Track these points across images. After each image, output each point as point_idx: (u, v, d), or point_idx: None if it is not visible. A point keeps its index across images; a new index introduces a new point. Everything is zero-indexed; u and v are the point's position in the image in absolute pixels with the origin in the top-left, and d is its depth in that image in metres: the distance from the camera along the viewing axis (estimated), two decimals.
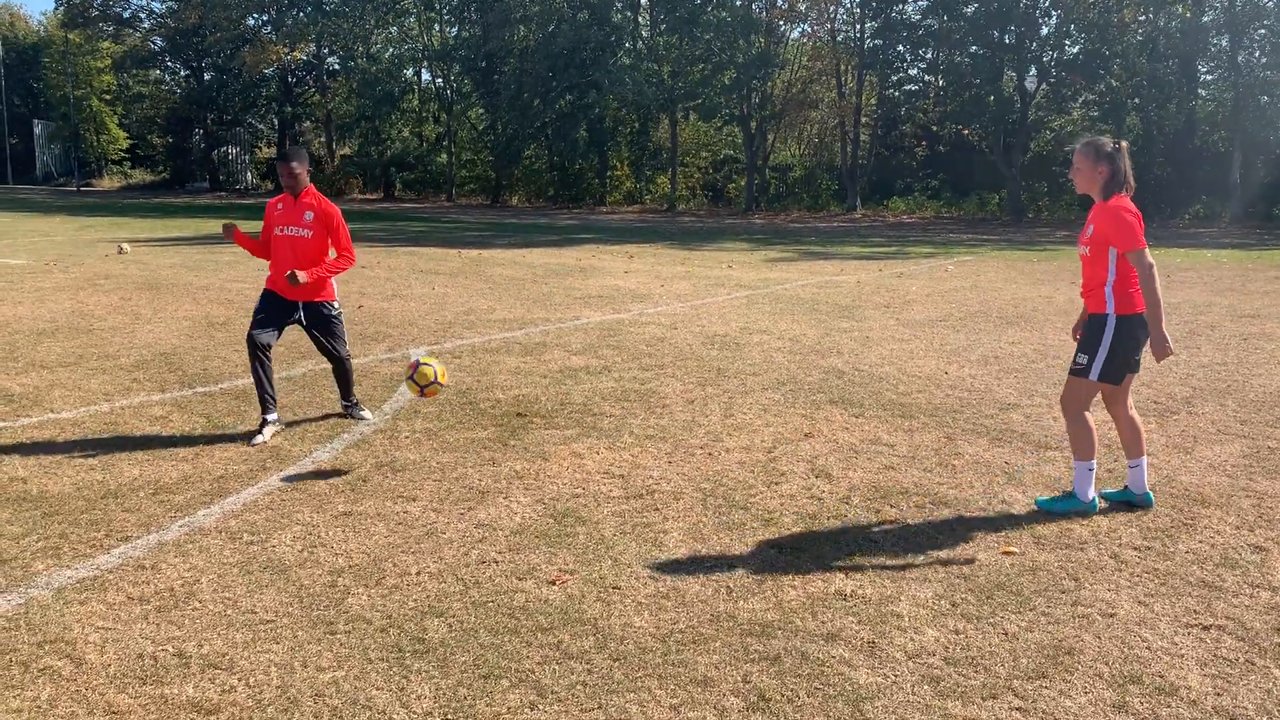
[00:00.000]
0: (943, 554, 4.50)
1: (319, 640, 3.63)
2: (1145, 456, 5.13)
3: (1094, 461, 5.05)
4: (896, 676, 3.43)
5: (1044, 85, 37.33)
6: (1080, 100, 37.60)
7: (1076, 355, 5.10)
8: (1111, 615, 3.90)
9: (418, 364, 5.78)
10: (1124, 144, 5.00)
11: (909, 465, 5.82)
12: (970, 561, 4.41)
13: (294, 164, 6.49)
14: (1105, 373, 4.98)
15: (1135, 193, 5.05)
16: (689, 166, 46.25)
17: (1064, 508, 5.02)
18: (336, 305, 6.72)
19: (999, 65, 36.91)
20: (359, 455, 5.90)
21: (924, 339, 10.09)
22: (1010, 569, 4.33)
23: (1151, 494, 5.15)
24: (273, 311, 6.51)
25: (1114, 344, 4.94)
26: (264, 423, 6.30)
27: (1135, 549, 4.57)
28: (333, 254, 6.63)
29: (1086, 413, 5.07)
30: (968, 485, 5.46)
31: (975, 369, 8.58)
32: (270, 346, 6.40)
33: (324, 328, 6.65)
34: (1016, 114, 36.65)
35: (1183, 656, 3.59)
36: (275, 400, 6.42)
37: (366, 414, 6.78)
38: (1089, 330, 5.05)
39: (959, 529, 4.80)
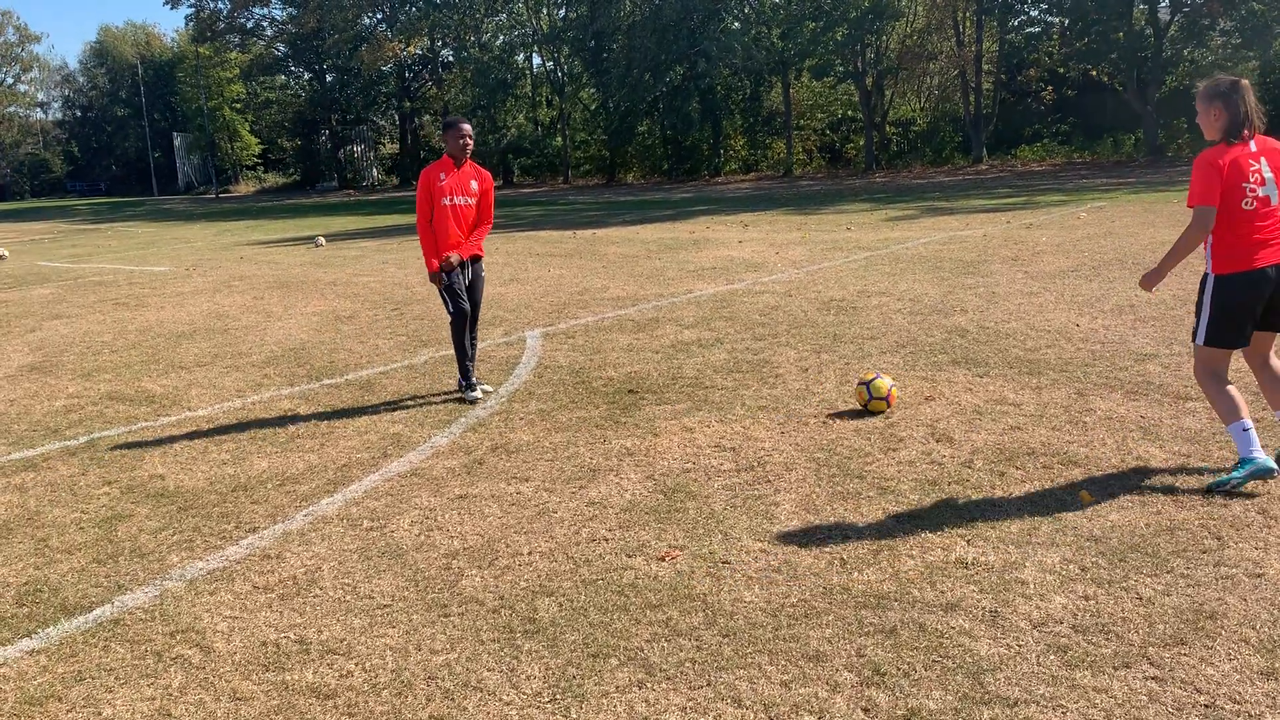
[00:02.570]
0: (1071, 516, 4.27)
1: (433, 623, 3.68)
2: None
3: (1246, 420, 4.46)
4: (1020, 647, 3.27)
5: (1178, 16, 35.17)
6: (1219, 28, 35.27)
7: (1193, 318, 4.66)
8: (1259, 575, 3.64)
9: (868, 384, 5.99)
10: (1244, 81, 4.51)
11: (1036, 425, 5.56)
12: (1102, 523, 4.18)
13: (466, 128, 6.73)
14: (1211, 336, 4.54)
15: None
16: (804, 129, 45.45)
17: (1239, 478, 4.41)
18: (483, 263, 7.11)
19: None
20: (475, 438, 5.98)
21: (1054, 291, 9.65)
22: (1145, 529, 4.09)
23: None
24: (461, 283, 6.84)
25: (1215, 305, 4.51)
26: (473, 385, 6.89)
27: None
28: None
29: (1219, 377, 4.58)
30: (1099, 443, 5.18)
31: (1109, 320, 8.15)
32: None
33: (478, 280, 6.99)
34: (1149, 48, 34.66)
35: None
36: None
37: (485, 389, 7.02)
38: (1199, 290, 4.62)
39: (1090, 489, 4.55)
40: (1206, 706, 2.90)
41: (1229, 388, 4.57)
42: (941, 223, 17.65)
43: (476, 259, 6.99)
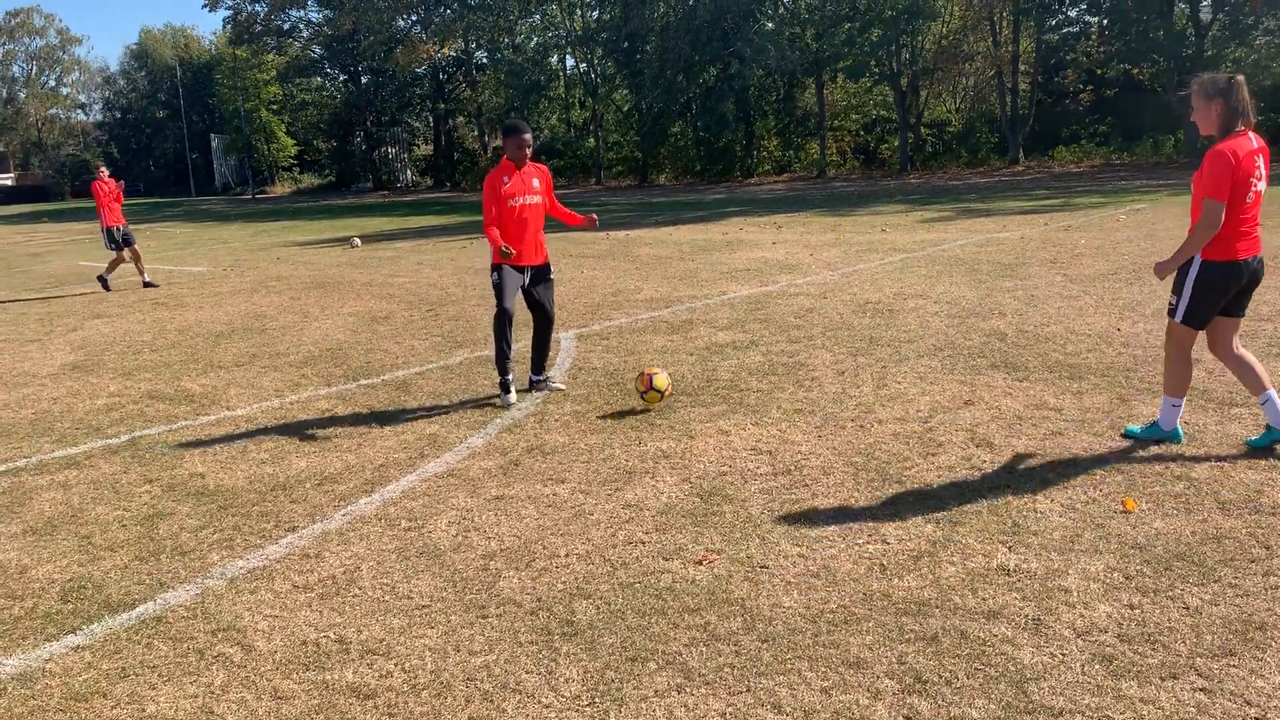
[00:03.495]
0: (1115, 523, 4.21)
1: (471, 624, 3.69)
2: (1273, 390, 4.95)
3: (1181, 400, 5.05)
4: (1064, 655, 3.23)
5: (1220, 15, 34.66)
6: (1262, 28, 34.70)
7: (1171, 295, 5.06)
8: None
9: (650, 378, 6.42)
10: (1239, 78, 4.76)
11: (1078, 430, 5.49)
12: (1146, 531, 4.12)
13: (527, 135, 6.85)
14: (1188, 316, 4.94)
15: None
16: (839, 130, 45.24)
17: (1149, 434, 5.13)
18: (550, 267, 7.13)
19: None
20: (511, 439, 5.99)
21: (1094, 294, 9.53)
22: (1191, 537, 4.02)
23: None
24: (513, 283, 6.88)
25: (1196, 286, 4.88)
26: (510, 385, 6.88)
27: None
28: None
29: (1184, 353, 5.03)
30: (1142, 449, 5.10)
31: (1151, 324, 8.04)
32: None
33: (546, 286, 7.03)
34: (1191, 48, 34.17)
35: None
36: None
37: (560, 385, 7.14)
38: (1179, 272, 4.93)
39: (1133, 496, 4.48)
40: (1256, 719, 2.85)
41: (1188, 365, 5.06)
42: (978, 224, 17.50)
43: (542, 268, 7.00)
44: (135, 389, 7.97)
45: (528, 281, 6.94)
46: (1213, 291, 4.87)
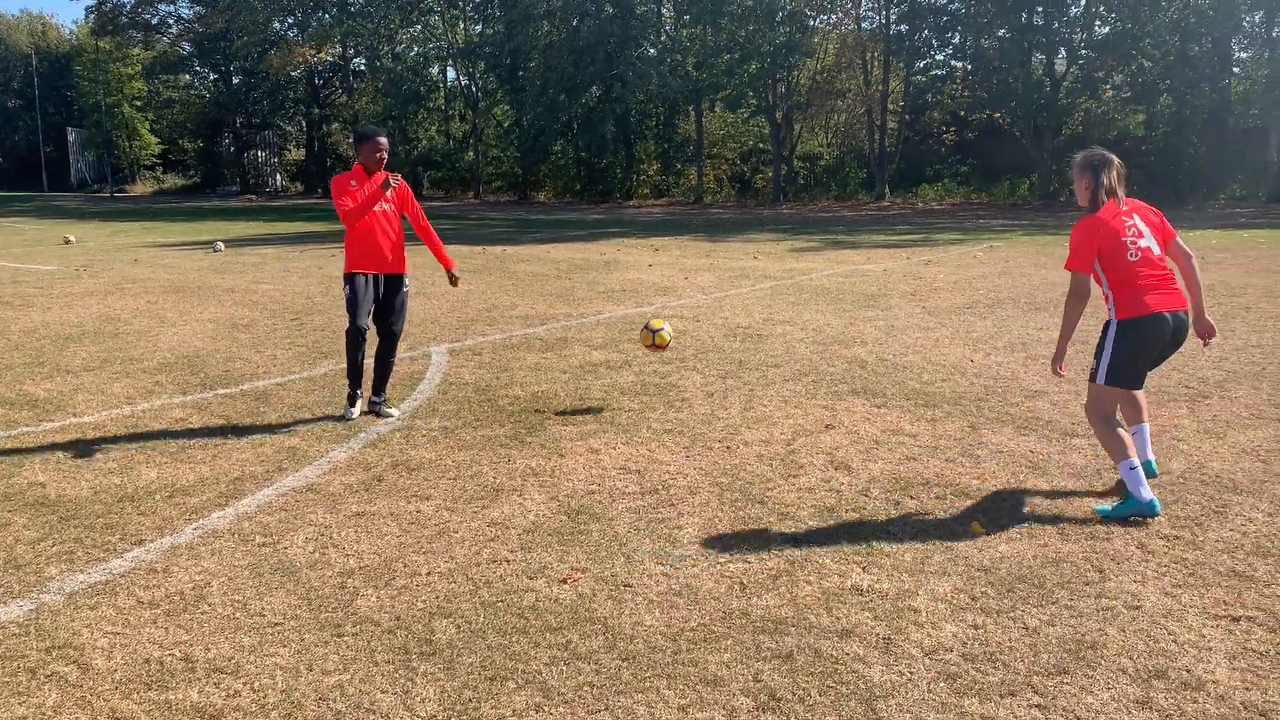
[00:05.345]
0: (963, 546, 4.40)
1: (326, 643, 3.59)
2: (1148, 424, 5.11)
3: (1134, 459, 4.73)
4: (912, 674, 3.34)
5: (1073, 68, 36.77)
6: (1111, 82, 36.98)
7: (1092, 361, 5.01)
8: (1137, 608, 3.79)
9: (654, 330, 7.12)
10: (1112, 158, 4.98)
11: (931, 456, 5.71)
12: (991, 554, 4.31)
13: (383, 140, 6.67)
14: (1111, 377, 4.87)
15: (1173, 174, 5.16)
16: (716, 159, 46.04)
17: (1123, 512, 4.69)
18: (408, 280, 6.93)
19: (1027, 48, 36.43)
20: (375, 454, 5.87)
21: (950, 326, 9.94)
22: (1033, 561, 4.23)
23: (1153, 462, 5.08)
24: (366, 294, 6.65)
25: (1117, 347, 4.84)
26: (357, 399, 6.73)
27: (1163, 538, 4.44)
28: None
29: (1110, 419, 4.89)
30: (990, 475, 5.34)
31: (1002, 356, 8.43)
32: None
33: (397, 300, 6.78)
34: (1046, 97, 36.12)
35: (1211, 649, 3.47)
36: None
37: (393, 412, 6.76)
38: (1101, 337, 4.95)
39: (981, 521, 4.69)
40: None
41: (1119, 430, 4.85)
42: (844, 256, 18.06)
43: (395, 279, 6.78)
44: None
45: (381, 293, 6.71)
46: (1137, 349, 4.82)
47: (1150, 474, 4.99)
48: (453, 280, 7.26)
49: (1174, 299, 4.81)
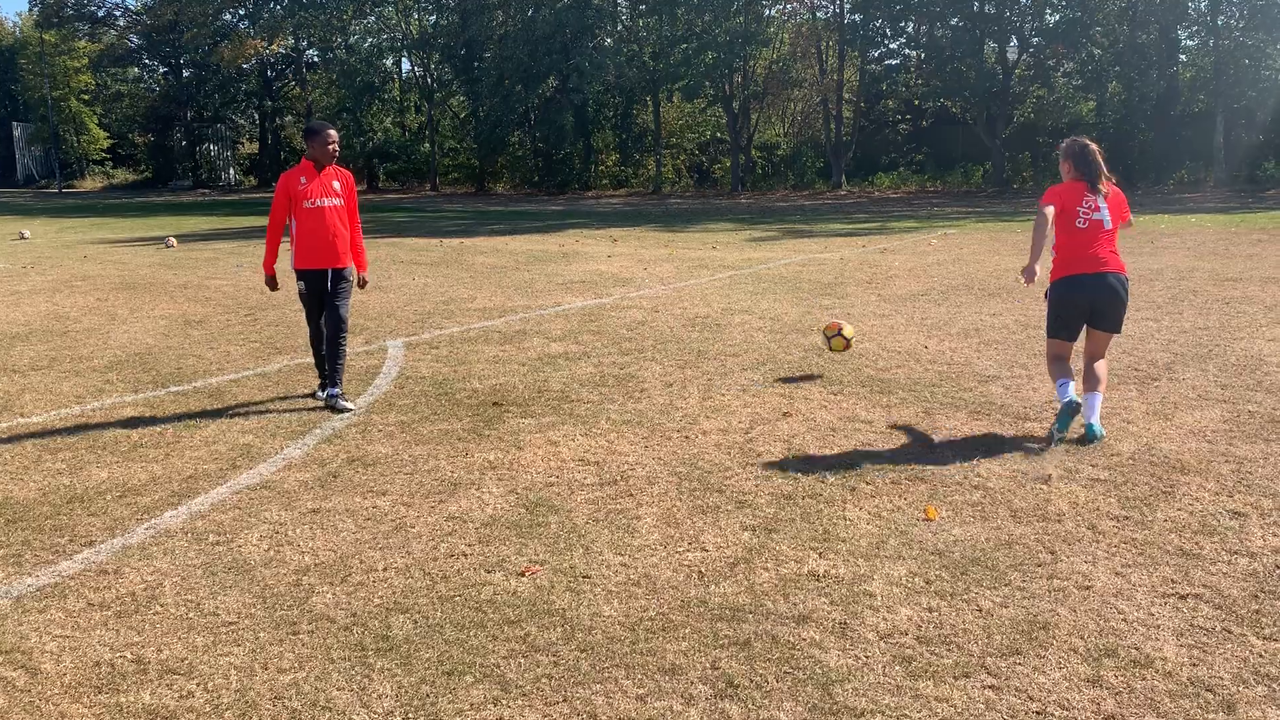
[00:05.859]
0: (918, 531, 4.44)
1: (281, 641, 3.56)
2: (1100, 394, 5.68)
3: (1066, 380, 5.66)
4: (868, 658, 3.38)
5: (1025, 55, 37.17)
6: (1062, 70, 37.42)
7: None
8: (1088, 588, 3.85)
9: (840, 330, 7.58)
10: (1092, 146, 5.89)
11: (886, 441, 5.76)
12: (945, 537, 4.36)
13: (333, 133, 6.75)
14: (1049, 328, 5.90)
15: (1123, 159, 6.07)
16: (674, 149, 46.01)
17: (1061, 422, 5.58)
18: (352, 270, 6.96)
19: (979, 36, 36.75)
20: (330, 450, 5.82)
21: (905, 314, 10.03)
22: (986, 544, 4.28)
23: (1095, 426, 5.58)
24: (316, 289, 6.76)
25: (1050, 304, 5.88)
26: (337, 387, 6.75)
27: (1113, 519, 4.52)
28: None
29: (1058, 359, 5.86)
30: (944, 460, 5.40)
31: (955, 342, 8.52)
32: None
33: (340, 288, 6.80)
34: (998, 85, 36.48)
35: (1159, 627, 3.54)
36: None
37: (350, 405, 6.71)
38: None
39: (935, 505, 4.74)
40: (1038, 713, 3.06)
41: (1065, 366, 5.80)
42: (802, 245, 18.15)
43: (347, 270, 6.85)
44: None
45: (329, 285, 6.78)
46: (1061, 307, 5.79)
47: (1092, 437, 5.56)
48: (360, 283, 7.14)
49: (1095, 263, 5.67)
